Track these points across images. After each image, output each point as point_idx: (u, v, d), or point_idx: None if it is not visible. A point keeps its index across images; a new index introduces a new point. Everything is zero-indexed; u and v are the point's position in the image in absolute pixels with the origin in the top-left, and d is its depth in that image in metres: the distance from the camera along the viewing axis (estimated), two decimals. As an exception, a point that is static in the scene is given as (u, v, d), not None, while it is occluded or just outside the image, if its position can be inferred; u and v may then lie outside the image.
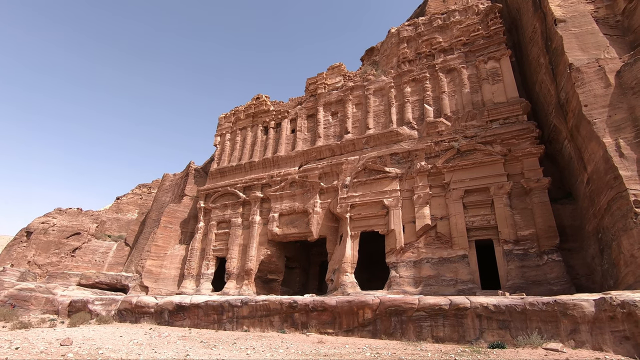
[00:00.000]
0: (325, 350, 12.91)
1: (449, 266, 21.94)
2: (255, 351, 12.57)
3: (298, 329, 19.38)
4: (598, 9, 22.59)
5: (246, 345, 14.13)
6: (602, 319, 12.49)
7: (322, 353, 12.12)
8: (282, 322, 20.13)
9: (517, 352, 11.71)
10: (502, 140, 23.30)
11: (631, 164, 16.43)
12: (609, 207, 16.91)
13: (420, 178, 24.86)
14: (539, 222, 20.67)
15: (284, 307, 20.22)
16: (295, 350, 12.76)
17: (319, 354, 11.85)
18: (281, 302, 20.49)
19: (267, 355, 11.41)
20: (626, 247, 15.73)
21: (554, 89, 22.30)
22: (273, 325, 20.40)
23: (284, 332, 19.23)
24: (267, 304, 20.96)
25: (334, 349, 13.25)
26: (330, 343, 14.78)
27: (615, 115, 17.74)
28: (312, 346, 13.98)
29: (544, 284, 19.09)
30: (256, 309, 21.28)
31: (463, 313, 14.94)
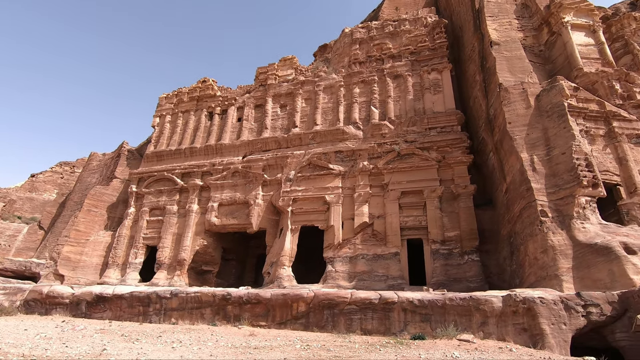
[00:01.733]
0: (256, 342, 12.86)
1: (381, 263, 23.07)
2: (182, 344, 12.09)
3: (230, 321, 19.02)
4: (526, 37, 25.19)
5: (172, 339, 13.53)
6: (507, 313, 14.10)
7: (253, 345, 12.06)
8: (213, 314, 19.59)
9: (435, 343, 12.75)
10: (437, 147, 25.02)
11: (541, 177, 18.68)
12: (521, 214, 19.07)
13: (362, 177, 25.73)
14: (464, 225, 22.63)
15: (216, 300, 19.69)
16: (225, 343, 12.52)
17: (249, 347, 11.77)
18: (214, 294, 19.93)
19: (194, 349, 11.03)
20: (531, 250, 17.89)
21: (485, 104, 24.46)
22: (204, 318, 19.78)
23: (215, 324, 18.74)
24: (199, 295, 20.24)
25: (265, 341, 13.25)
26: (262, 335, 14.75)
27: (532, 134, 20.00)
28: (242, 339, 13.83)
29: (463, 281, 20.98)
30: (187, 301, 20.44)
31: (391, 307, 15.85)
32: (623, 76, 21.51)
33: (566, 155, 18.20)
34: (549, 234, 17.00)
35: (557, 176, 18.28)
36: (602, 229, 16.67)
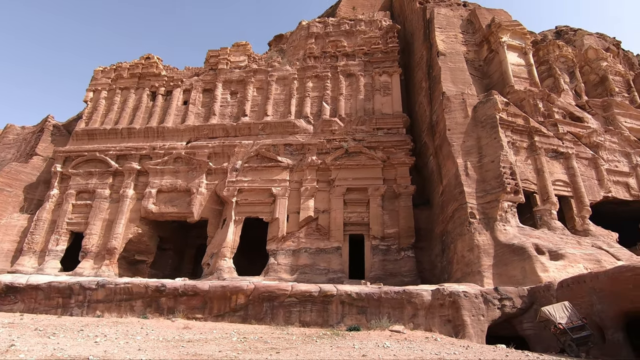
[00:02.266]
0: (190, 335, 12.42)
1: (324, 256, 23.52)
2: (107, 339, 11.25)
3: (163, 314, 18.11)
4: (469, 51, 27.11)
5: (96, 332, 12.53)
6: (435, 306, 15.22)
7: (186, 339, 11.62)
8: (145, 307, 18.49)
9: (369, 334, 13.36)
10: (384, 147, 26.03)
11: (473, 182, 20.34)
12: (453, 215, 20.63)
13: (310, 171, 25.91)
14: (402, 223, 23.89)
15: (149, 291, 18.61)
16: (156, 337, 11.91)
17: (182, 340, 11.32)
18: (147, 285, 18.81)
19: (120, 343, 10.33)
20: (459, 249, 19.47)
21: (429, 110, 25.95)
22: (134, 311, 18.58)
23: (146, 317, 17.71)
24: (130, 287, 18.97)
25: (200, 334, 12.85)
26: (197, 328, 14.28)
27: (467, 141, 21.65)
28: (176, 332, 13.26)
29: (398, 275, 22.20)
30: (115, 293, 19.04)
31: (330, 300, 16.26)
32: (546, 96, 24.15)
33: (495, 164, 20.02)
34: (475, 234, 18.62)
35: (486, 182, 20.06)
36: (519, 232, 18.67)
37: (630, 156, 23.89)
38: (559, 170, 21.85)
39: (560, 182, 21.47)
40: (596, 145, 23.35)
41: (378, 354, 9.00)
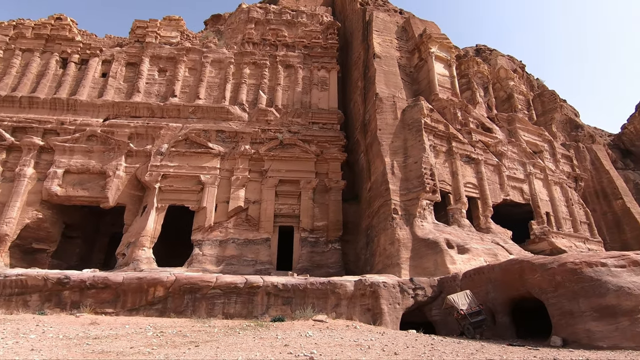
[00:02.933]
0: (98, 332, 11.31)
1: (252, 247, 23.20)
2: (-9, 339, 9.68)
3: (66, 309, 16.17)
4: (402, 57, 28.72)
5: (-24, 333, 10.70)
6: (357, 296, 16.03)
7: (93, 335, 10.56)
8: (43, 302, 16.31)
9: (293, 324, 13.58)
10: (318, 142, 26.44)
11: (397, 180, 21.74)
12: (378, 210, 21.86)
13: (242, 160, 25.23)
14: (331, 216, 24.62)
15: (49, 284, 16.44)
16: (56, 334, 10.60)
17: (87, 337, 10.25)
18: (46, 277, 16.60)
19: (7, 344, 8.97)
20: (382, 242, 20.74)
21: (363, 109, 27.00)
22: (28, 307, 16.27)
23: (43, 313, 15.65)
24: (24, 279, 16.56)
25: (110, 330, 11.78)
26: (107, 324, 13.06)
27: (395, 142, 23.04)
28: (80, 328, 11.96)
29: (325, 267, 22.88)
30: (4, 286, 16.47)
31: (255, 291, 16.11)
32: (464, 107, 26.74)
33: (417, 164, 21.66)
34: (397, 229, 19.99)
35: (409, 181, 21.61)
36: (434, 228, 20.52)
37: (525, 165, 27.70)
38: (470, 174, 24.44)
39: (470, 185, 24.05)
40: (501, 154, 26.61)
41: (300, 343, 9.20)
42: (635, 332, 9.35)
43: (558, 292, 10.89)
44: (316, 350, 8.12)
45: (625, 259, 10.68)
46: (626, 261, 10.62)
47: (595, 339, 9.64)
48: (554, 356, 7.82)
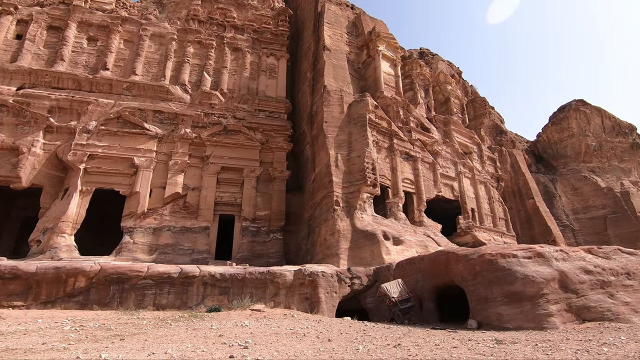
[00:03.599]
0: (3, 327, 10.04)
1: (189, 236, 22.22)
2: None
3: (-38, 303, 14.09)
4: (351, 52, 29.19)
5: None
6: (296, 285, 16.21)
7: (-4, 332, 9.34)
8: None
9: (229, 314, 13.33)
10: (264, 130, 25.96)
11: (341, 173, 22.23)
12: (321, 202, 22.21)
13: (182, 144, 23.89)
14: (274, 206, 24.47)
15: (-60, 274, 14.17)
16: (-53, 332, 9.19)
17: (-11, 334, 9.05)
18: (-63, 267, 14.27)
19: None
20: (323, 233, 21.16)
21: (311, 101, 27.04)
22: None
23: None
24: None
25: (18, 325, 10.52)
26: (14, 318, 11.64)
27: (340, 135, 23.48)
28: (-20, 324, 10.51)
29: (265, 257, 22.75)
30: None
31: (191, 281, 15.50)
32: (406, 106, 28.08)
33: (360, 159, 22.34)
34: (338, 220, 20.51)
35: (352, 174, 22.24)
36: (373, 220, 21.43)
37: (457, 165, 30.03)
38: (408, 170, 25.85)
39: (408, 180, 25.47)
40: (436, 153, 28.50)
41: (235, 333, 9.08)
42: (536, 314, 10.72)
43: (476, 280, 12.06)
44: (251, 340, 8.08)
45: (532, 251, 12.15)
46: (532, 253, 12.09)
47: (504, 321, 10.88)
48: (469, 337, 8.68)
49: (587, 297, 11.31)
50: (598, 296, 11.42)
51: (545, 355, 6.38)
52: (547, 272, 11.51)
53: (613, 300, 11.37)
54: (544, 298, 10.98)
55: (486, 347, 7.37)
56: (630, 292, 11.85)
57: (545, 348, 7.09)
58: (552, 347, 7.14)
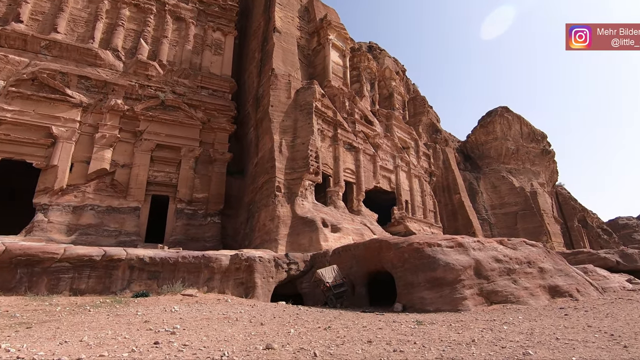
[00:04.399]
0: None
1: (116, 216, 20.57)
2: None
3: None
4: (302, 37, 28.80)
5: None
6: (231, 270, 15.94)
7: None
8: None
9: (158, 299, 12.70)
10: (206, 108, 24.69)
11: (284, 159, 22.11)
12: (262, 187, 21.93)
13: (112, 117, 21.79)
14: (213, 188, 23.59)
15: None
16: None
17: None
18: None
19: None
20: (263, 218, 20.98)
21: (257, 83, 26.28)
22: None
23: None
24: None
25: None
26: None
27: (286, 121, 23.25)
28: None
29: (201, 240, 21.96)
30: None
31: (116, 264, 14.42)
32: (352, 98, 28.63)
33: (304, 146, 22.40)
34: (278, 206, 20.46)
35: (295, 161, 22.23)
36: (314, 207, 21.75)
37: (395, 158, 31.57)
38: (350, 161, 26.55)
39: (349, 170, 26.20)
40: (377, 145, 29.63)
41: (163, 319, 8.69)
42: (453, 298, 11.86)
43: (404, 266, 12.95)
44: (180, 325, 7.80)
45: (454, 241, 13.34)
46: (454, 243, 13.28)
47: (426, 304, 11.87)
48: (394, 319, 9.33)
49: (495, 282, 12.77)
50: (504, 282, 12.96)
51: (457, 334, 7.10)
52: (465, 260, 12.76)
53: (516, 285, 12.99)
54: (461, 283, 12.18)
55: (408, 327, 7.99)
56: (530, 278, 13.64)
57: (458, 328, 7.90)
58: (463, 327, 7.97)
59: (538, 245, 15.89)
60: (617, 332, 7.17)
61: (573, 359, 5.14)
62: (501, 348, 5.85)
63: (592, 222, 54.46)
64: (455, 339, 6.58)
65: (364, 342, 6.42)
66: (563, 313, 10.28)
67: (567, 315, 9.79)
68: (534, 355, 5.38)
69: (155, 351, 5.57)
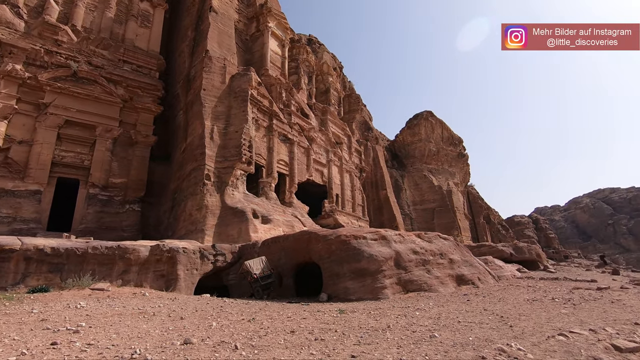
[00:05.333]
0: None
1: (10, 201, 17.76)
2: None
3: None
4: (240, 21, 27.71)
5: None
6: (151, 262, 14.86)
7: None
8: None
9: (61, 295, 11.32)
10: (128, 85, 22.45)
11: (215, 146, 21.18)
12: (190, 174, 20.77)
13: (7, 84, 18.62)
14: (134, 173, 21.67)
15: None
16: None
17: None
18: None
19: None
20: (189, 207, 19.91)
21: (189, 63, 24.65)
22: None
23: None
24: None
25: None
26: None
27: (219, 107, 22.25)
28: None
29: (118, 230, 20.07)
30: None
31: (8, 256, 12.46)
32: (289, 89, 28.45)
33: (238, 134, 21.70)
34: (207, 195, 19.58)
35: (227, 149, 21.44)
36: (244, 198, 21.27)
37: (328, 153, 32.28)
38: (284, 152, 26.45)
39: (283, 162, 26.10)
40: (312, 139, 29.96)
41: (65, 316, 7.76)
42: (374, 287, 12.59)
43: (331, 258, 13.38)
44: (86, 323, 7.05)
45: (378, 234, 14.14)
46: (378, 235, 14.08)
47: (349, 293, 12.43)
48: (318, 309, 9.61)
49: (412, 272, 13.87)
50: (420, 272, 14.15)
51: (375, 321, 7.57)
52: (387, 252, 13.62)
53: (429, 275, 14.26)
54: (382, 273, 12.99)
55: (330, 316, 8.29)
56: (441, 268, 15.09)
57: (376, 315, 8.42)
58: (381, 314, 8.52)
59: (449, 238, 17.62)
60: (506, 314, 8.31)
61: (470, 339, 5.82)
62: (412, 332, 6.39)
63: (494, 219, 62.10)
64: (373, 326, 7.00)
65: (287, 332, 6.50)
66: (466, 299, 11.59)
67: (469, 301, 11.06)
68: (439, 337, 5.97)
69: (52, 353, 4.96)
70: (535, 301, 10.88)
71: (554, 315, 8.22)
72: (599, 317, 8.08)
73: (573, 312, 8.78)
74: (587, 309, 9.32)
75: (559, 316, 8.15)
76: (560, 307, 9.56)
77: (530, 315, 8.17)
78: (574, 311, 8.90)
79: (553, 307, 9.59)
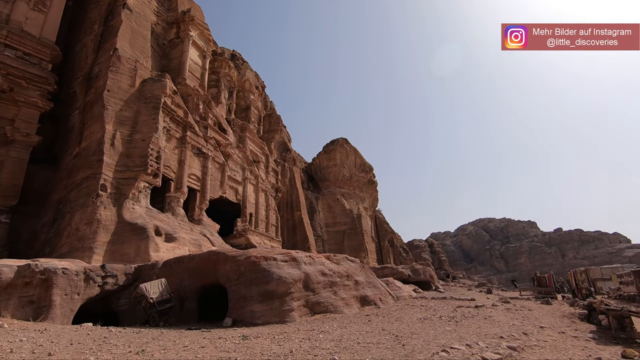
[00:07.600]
0: None
1: None
2: None
3: None
4: (158, 24, 26.13)
5: None
6: (17, 285, 12.37)
7: None
8: None
9: None
10: (9, 73, 19.09)
11: (116, 154, 19.08)
12: (81, 183, 18.22)
13: None
14: (5, 177, 18.21)
15: None
16: None
17: None
18: None
19: None
20: (77, 220, 17.32)
21: (93, 59, 22.14)
22: None
23: None
24: None
25: None
26: None
27: (125, 111, 20.28)
28: None
29: (-28, 245, 16.35)
30: None
31: None
32: (207, 101, 27.43)
33: (145, 143, 19.93)
34: (100, 208, 17.33)
35: (130, 158, 19.46)
36: (147, 212, 19.36)
37: (245, 170, 31.62)
38: (196, 166, 25.07)
39: (194, 177, 24.67)
40: (228, 155, 29.07)
41: None
42: (281, 310, 12.42)
43: (239, 280, 12.86)
44: None
45: (288, 256, 14.13)
46: (288, 257, 14.07)
47: (256, 317, 12.02)
48: (220, 335, 9.06)
49: (320, 294, 14.10)
50: (327, 293, 14.46)
51: (278, 346, 7.43)
52: (297, 274, 13.65)
53: (335, 296, 14.66)
54: (290, 296, 12.91)
55: (232, 343, 7.88)
56: (347, 290, 15.67)
57: (280, 340, 8.28)
58: (285, 339, 8.41)
59: (356, 260, 18.51)
60: (400, 333, 8.95)
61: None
62: (314, 357, 6.43)
63: (397, 242, 67.46)
64: (275, 351, 6.85)
65: (181, 364, 5.95)
66: (367, 319, 12.18)
67: (370, 321, 11.65)
68: (339, 359, 6.12)
69: None
70: (426, 319, 11.97)
71: (440, 333, 9.13)
72: (474, 332, 9.24)
73: (455, 328, 9.89)
74: (466, 325, 10.59)
75: (444, 333, 9.09)
76: (446, 324, 10.69)
77: (421, 334, 8.94)
78: (455, 328, 10.02)
79: (440, 325, 10.67)
